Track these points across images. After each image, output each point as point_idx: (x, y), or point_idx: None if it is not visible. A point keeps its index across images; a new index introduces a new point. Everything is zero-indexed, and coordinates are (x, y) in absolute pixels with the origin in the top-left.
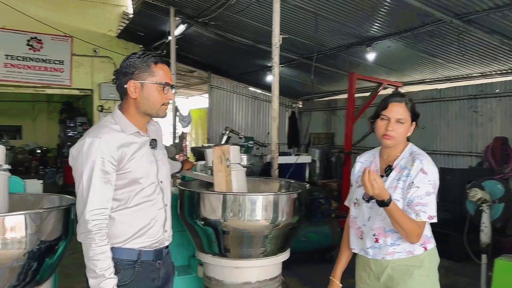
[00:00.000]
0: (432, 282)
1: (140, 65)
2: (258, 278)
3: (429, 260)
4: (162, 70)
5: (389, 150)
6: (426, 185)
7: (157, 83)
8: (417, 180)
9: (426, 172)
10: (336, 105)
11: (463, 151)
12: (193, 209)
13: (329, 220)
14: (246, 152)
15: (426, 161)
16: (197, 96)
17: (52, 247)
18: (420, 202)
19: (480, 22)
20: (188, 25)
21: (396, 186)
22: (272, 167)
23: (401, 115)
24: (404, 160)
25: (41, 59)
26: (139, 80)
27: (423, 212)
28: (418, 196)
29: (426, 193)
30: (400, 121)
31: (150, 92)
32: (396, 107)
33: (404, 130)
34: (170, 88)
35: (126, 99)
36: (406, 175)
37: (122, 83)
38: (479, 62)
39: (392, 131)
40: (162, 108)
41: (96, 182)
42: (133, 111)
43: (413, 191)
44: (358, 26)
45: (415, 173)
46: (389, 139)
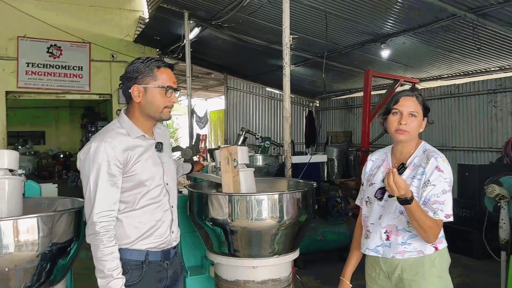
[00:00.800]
0: (444, 282)
1: (143, 69)
2: (267, 277)
3: (440, 260)
4: (165, 74)
5: (402, 148)
6: (442, 183)
7: (160, 87)
8: (433, 178)
9: (442, 170)
10: (353, 103)
11: (483, 146)
12: (201, 210)
13: (346, 219)
14: (262, 152)
15: (441, 158)
16: (215, 97)
17: (64, 248)
18: (437, 200)
19: (495, 15)
20: (202, 28)
21: (410, 184)
22: (285, 167)
23: (413, 108)
24: (418, 158)
25: (61, 66)
26: (143, 85)
27: (440, 210)
28: (435, 194)
29: (442, 191)
30: (413, 114)
31: (153, 96)
32: (407, 101)
33: (417, 124)
34: (174, 92)
35: (131, 103)
36: (421, 173)
37: (127, 88)
38: (496, 56)
39: (406, 125)
40: (165, 111)
41: (102, 185)
42: (138, 115)
43: (429, 189)
44: (371, 23)
45: (431, 171)
46: (403, 133)
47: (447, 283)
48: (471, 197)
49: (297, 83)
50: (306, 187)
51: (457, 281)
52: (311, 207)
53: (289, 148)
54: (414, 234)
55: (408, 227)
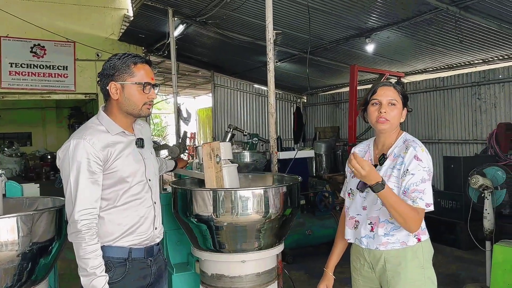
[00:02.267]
0: (427, 273)
1: (120, 66)
2: (253, 271)
3: (423, 251)
4: (143, 70)
5: (383, 139)
6: (421, 171)
7: (137, 83)
8: (412, 167)
9: (421, 159)
10: (340, 98)
11: (468, 138)
12: (185, 206)
13: (334, 213)
14: (250, 148)
15: (419, 148)
16: (203, 95)
17: (45, 247)
18: (416, 189)
19: (477, 7)
20: (187, 25)
21: (390, 175)
22: (272, 162)
23: (392, 97)
24: (398, 148)
25: (45, 66)
26: (120, 81)
27: (419, 199)
28: (414, 183)
29: (421, 179)
30: (392, 103)
31: (131, 93)
32: (386, 91)
33: (397, 113)
34: (152, 88)
35: (109, 100)
36: (400, 163)
37: (104, 85)
38: (479, 48)
39: (386, 113)
40: (144, 107)
41: (83, 183)
42: (116, 112)
43: (408, 178)
44: (355, 18)
45: (409, 160)
46: (384, 122)
47: (430, 274)
48: (457, 189)
49: (284, 79)
50: (290, 181)
51: (444, 272)
52: (296, 200)
53: (275, 143)
54: (397, 225)
55: (391, 219)
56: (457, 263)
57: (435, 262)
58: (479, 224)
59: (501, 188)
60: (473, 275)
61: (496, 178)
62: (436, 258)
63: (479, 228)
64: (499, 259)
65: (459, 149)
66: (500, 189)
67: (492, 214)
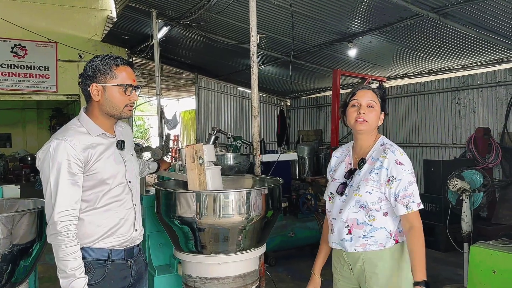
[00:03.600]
0: (404, 274)
1: (101, 68)
2: (235, 273)
3: (400, 252)
4: (124, 71)
5: (361, 142)
6: (406, 175)
7: (119, 85)
8: (396, 172)
9: (402, 163)
10: (323, 102)
11: (447, 142)
12: (168, 208)
13: (317, 215)
14: (234, 151)
15: (398, 152)
16: (187, 97)
17: (26, 249)
18: (406, 194)
19: (456, 15)
20: (171, 27)
21: (368, 179)
22: (255, 165)
23: (371, 99)
24: (376, 152)
25: (26, 66)
26: (101, 83)
27: (412, 202)
28: (403, 188)
29: (408, 183)
30: (370, 105)
31: (112, 94)
32: (365, 93)
33: (375, 115)
34: (134, 89)
35: (91, 102)
36: (378, 167)
37: (86, 87)
38: (458, 54)
39: (365, 114)
40: (125, 109)
41: (63, 184)
42: (97, 113)
43: (396, 184)
44: (338, 23)
45: (391, 166)
46: (362, 122)
47: (407, 274)
48: (436, 192)
49: (268, 82)
50: (272, 183)
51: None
52: (278, 202)
53: (258, 146)
54: (375, 227)
55: (369, 221)
56: (436, 265)
57: None
58: (457, 226)
59: (478, 191)
60: (452, 276)
61: (474, 181)
62: None
63: (457, 231)
64: (476, 260)
65: (439, 152)
66: (477, 192)
67: (470, 216)
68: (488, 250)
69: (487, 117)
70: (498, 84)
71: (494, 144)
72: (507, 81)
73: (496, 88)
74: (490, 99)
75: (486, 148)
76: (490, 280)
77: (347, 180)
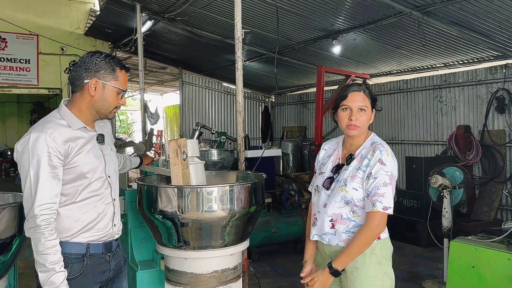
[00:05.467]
0: (384, 269)
1: (105, 66)
2: (218, 268)
3: (381, 248)
4: (124, 76)
5: (352, 140)
6: (383, 175)
7: (118, 88)
8: (375, 170)
9: (384, 163)
10: (308, 99)
11: (429, 140)
12: (150, 203)
13: (300, 211)
14: (218, 147)
15: (385, 152)
16: (171, 92)
17: (5, 244)
18: (377, 193)
19: (439, 13)
20: (155, 21)
21: (355, 175)
22: (239, 160)
23: (362, 103)
24: (365, 150)
25: (6, 59)
26: (103, 81)
27: (379, 202)
28: (375, 187)
29: (383, 183)
30: (362, 109)
31: (109, 94)
32: (356, 96)
33: (366, 118)
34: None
35: (80, 95)
36: (366, 165)
37: (82, 78)
38: (440, 53)
39: (356, 121)
40: (113, 110)
41: (43, 177)
42: (84, 107)
43: (371, 181)
44: (322, 19)
45: (374, 164)
46: (354, 129)
47: (387, 270)
48: (418, 188)
49: (253, 78)
50: (255, 179)
51: (404, 268)
52: (261, 198)
53: (242, 142)
54: (358, 223)
55: (353, 217)
56: (417, 260)
57: (396, 259)
58: (438, 222)
59: (459, 188)
60: (432, 272)
61: (454, 178)
62: (397, 255)
63: (438, 226)
64: (455, 255)
65: (421, 149)
66: (458, 189)
67: (450, 212)
68: (467, 246)
69: (468, 115)
70: (479, 82)
71: (474, 141)
72: (488, 80)
73: (477, 86)
74: (471, 98)
75: (467, 145)
76: (468, 274)
77: (334, 174)
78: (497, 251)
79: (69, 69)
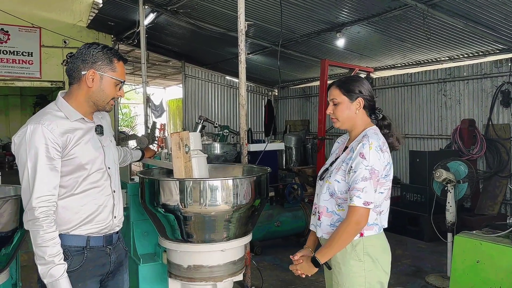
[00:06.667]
0: (366, 266)
1: (103, 57)
2: (221, 261)
3: (364, 245)
4: (122, 67)
5: (350, 133)
6: (362, 170)
7: (116, 79)
8: (355, 164)
9: (365, 156)
10: (311, 92)
11: (433, 134)
12: (153, 196)
13: (303, 205)
14: (221, 140)
15: (368, 145)
16: (174, 86)
17: (7, 237)
18: (355, 187)
19: (444, 6)
20: (158, 14)
21: (339, 168)
22: (242, 154)
23: (333, 96)
24: (355, 143)
25: (9, 51)
26: (100, 72)
27: (357, 197)
28: (354, 181)
29: (362, 178)
30: (334, 103)
31: (107, 86)
32: (331, 91)
33: (342, 110)
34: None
35: (78, 86)
36: (349, 158)
37: (79, 69)
38: (445, 46)
39: (332, 113)
40: (110, 102)
41: (41, 169)
42: (82, 99)
43: (351, 175)
44: (326, 12)
45: (355, 157)
46: (334, 121)
47: (369, 266)
48: (421, 183)
49: (256, 71)
50: (259, 172)
51: (407, 263)
52: (265, 191)
53: (245, 135)
54: (342, 217)
55: (338, 210)
56: (420, 255)
57: (399, 253)
58: (441, 216)
59: (463, 182)
60: (435, 266)
61: (459, 172)
62: (400, 250)
63: (441, 221)
64: (460, 250)
65: (424, 144)
66: (462, 183)
67: (454, 206)
68: (472, 240)
69: (472, 109)
70: (484, 76)
71: (478, 135)
72: (493, 74)
73: (482, 80)
74: (476, 91)
75: (471, 139)
76: (473, 269)
77: (329, 166)
78: (502, 246)
79: (66, 61)
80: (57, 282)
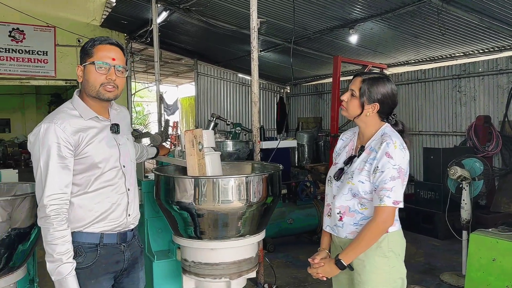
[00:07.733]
0: (390, 262)
1: (86, 49)
2: (234, 259)
3: (388, 241)
4: (103, 50)
5: (362, 130)
6: (390, 169)
7: (90, 63)
8: (381, 164)
9: (391, 156)
10: (323, 89)
11: (448, 130)
12: (167, 193)
13: (315, 202)
14: (233, 138)
15: (392, 144)
16: (186, 84)
17: (24, 234)
18: (384, 187)
19: (459, 1)
20: (170, 12)
21: (362, 168)
22: (254, 151)
23: (354, 88)
24: (375, 142)
25: (24, 50)
26: (83, 63)
27: (387, 197)
28: (383, 181)
29: (390, 177)
30: (352, 93)
31: (88, 74)
32: (354, 81)
33: (352, 104)
34: (114, 68)
35: (80, 85)
36: (373, 158)
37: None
38: (460, 41)
39: (345, 99)
40: (101, 89)
41: (53, 168)
42: (84, 95)
43: (378, 175)
44: (339, 8)
45: (380, 157)
46: (342, 108)
47: (395, 263)
48: (436, 180)
49: (268, 69)
50: (272, 169)
51: (421, 260)
52: (277, 189)
53: (257, 132)
54: (366, 216)
55: (361, 209)
56: (434, 252)
57: (413, 251)
58: (456, 214)
59: (478, 179)
60: (450, 264)
61: (474, 169)
62: (414, 247)
63: (456, 218)
64: (475, 248)
65: (439, 140)
66: (477, 180)
67: (469, 204)
68: (488, 238)
69: (487, 105)
70: (500, 72)
71: (494, 132)
72: (509, 69)
73: (497, 76)
74: (491, 87)
75: (486, 136)
76: (489, 267)
77: (345, 166)
78: None
79: None
80: (65, 280)
